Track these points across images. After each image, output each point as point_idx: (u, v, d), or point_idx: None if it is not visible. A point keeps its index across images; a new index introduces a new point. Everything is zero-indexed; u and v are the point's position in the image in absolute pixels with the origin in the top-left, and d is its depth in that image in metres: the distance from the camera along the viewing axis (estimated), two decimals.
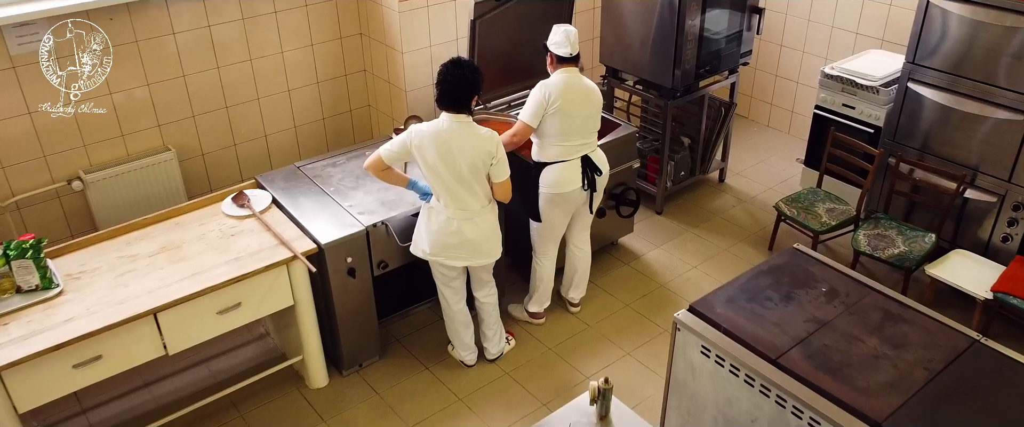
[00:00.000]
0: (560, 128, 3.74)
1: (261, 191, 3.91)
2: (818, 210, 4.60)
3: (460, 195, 3.44)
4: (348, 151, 4.28)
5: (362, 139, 5.20)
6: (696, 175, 5.38)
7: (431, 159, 3.38)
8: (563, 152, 3.80)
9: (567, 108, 3.70)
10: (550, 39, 3.76)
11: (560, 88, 3.68)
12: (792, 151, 5.96)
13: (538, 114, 3.70)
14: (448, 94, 3.35)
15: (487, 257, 3.64)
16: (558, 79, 3.71)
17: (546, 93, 3.67)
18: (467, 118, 3.39)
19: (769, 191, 5.47)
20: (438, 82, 3.38)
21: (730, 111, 5.21)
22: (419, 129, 3.41)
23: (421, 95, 4.79)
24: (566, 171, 3.82)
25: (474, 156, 3.38)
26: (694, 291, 4.50)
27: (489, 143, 3.40)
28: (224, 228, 3.67)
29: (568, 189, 3.84)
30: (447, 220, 3.49)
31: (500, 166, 3.46)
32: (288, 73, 4.67)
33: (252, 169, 4.78)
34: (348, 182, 3.98)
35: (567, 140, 3.78)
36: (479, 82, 3.41)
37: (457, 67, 3.35)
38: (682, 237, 4.99)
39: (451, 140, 3.36)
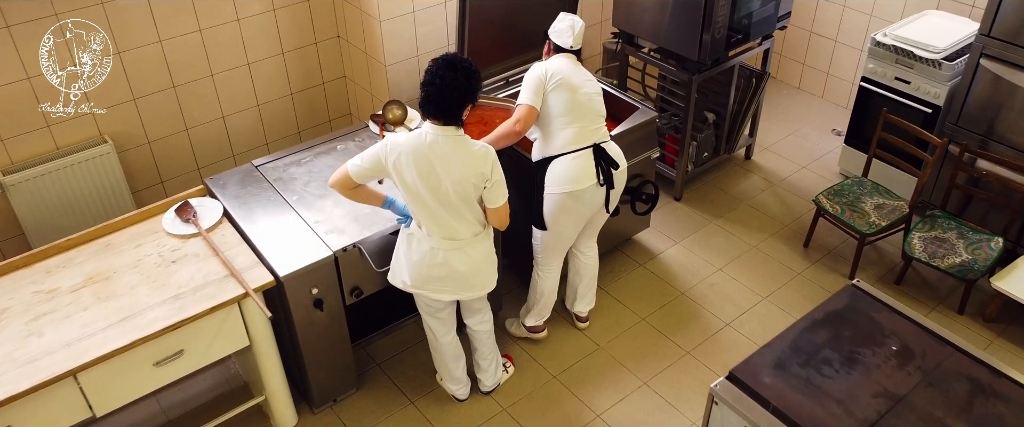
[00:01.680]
0: (566, 105, 3.16)
1: (210, 201, 3.27)
2: (865, 207, 3.97)
3: (446, 222, 2.82)
4: (317, 143, 3.62)
5: (338, 114, 4.52)
6: (720, 155, 4.72)
7: (410, 179, 2.74)
8: (572, 138, 3.18)
9: (569, 81, 3.16)
10: (553, 25, 3.25)
11: (557, 64, 3.20)
12: (827, 119, 5.28)
13: (539, 91, 3.14)
14: (435, 101, 2.68)
15: (480, 290, 3.04)
16: (554, 59, 3.23)
17: (544, 69, 3.17)
18: (457, 131, 2.73)
19: (802, 171, 4.82)
20: (424, 84, 2.70)
21: (762, 82, 4.51)
22: (395, 142, 2.75)
23: (404, 70, 4.09)
24: (577, 163, 3.19)
25: (463, 177, 2.73)
26: (720, 301, 3.91)
27: (482, 162, 2.75)
28: (164, 251, 3.05)
29: (581, 186, 3.21)
30: (431, 250, 2.87)
31: (496, 189, 2.81)
32: (247, 44, 3.97)
33: (209, 155, 4.14)
34: (314, 188, 3.34)
35: (576, 121, 3.18)
36: (477, 88, 2.74)
37: (450, 69, 2.67)
38: (704, 230, 4.37)
39: (435, 158, 2.71)
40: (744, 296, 3.95)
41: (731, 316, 3.84)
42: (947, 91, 4.03)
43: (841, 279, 4.04)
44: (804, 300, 3.92)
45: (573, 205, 3.27)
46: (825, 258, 4.17)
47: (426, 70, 2.71)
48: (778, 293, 3.97)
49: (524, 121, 3.13)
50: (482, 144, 2.78)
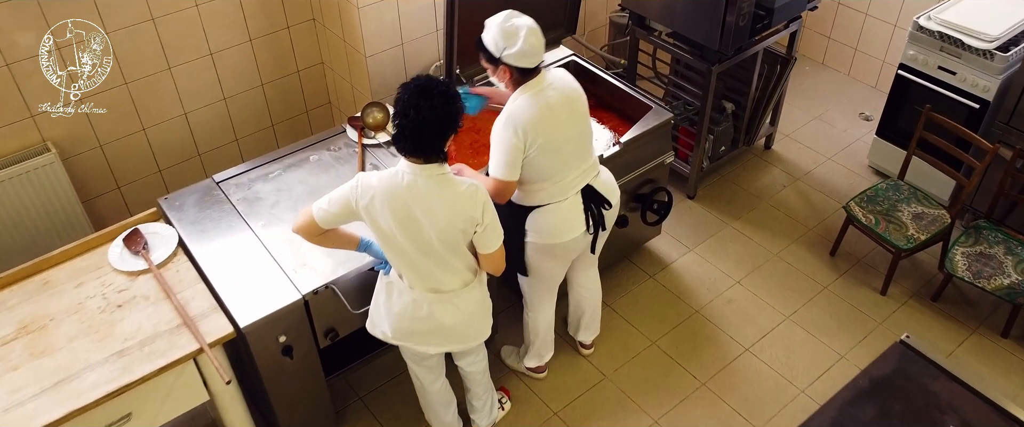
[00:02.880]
0: (550, 168, 2.67)
1: (164, 227, 2.86)
2: (902, 216, 3.56)
3: (430, 273, 2.42)
4: (286, 153, 3.19)
5: (316, 104, 4.07)
6: (738, 147, 4.28)
7: (387, 226, 2.33)
8: (557, 192, 2.73)
9: (552, 140, 2.60)
10: (495, 41, 2.51)
11: (534, 119, 2.54)
12: (854, 101, 4.83)
13: (516, 163, 2.59)
14: (411, 136, 2.25)
15: (471, 341, 2.66)
16: (526, 106, 2.54)
17: (519, 132, 2.53)
18: (439, 168, 2.31)
19: (828, 163, 4.39)
20: (396, 117, 2.27)
21: (788, 68, 4.05)
22: (367, 182, 2.33)
23: (387, 60, 3.63)
24: (562, 213, 2.76)
25: (449, 224, 2.32)
26: (738, 321, 3.54)
27: (470, 204, 2.33)
28: (110, 292, 2.66)
29: (566, 238, 2.80)
30: (413, 303, 2.48)
31: (489, 233, 2.40)
32: (207, 32, 3.49)
33: (171, 155, 3.71)
34: (283, 210, 2.92)
35: (562, 178, 2.71)
36: (459, 114, 2.30)
37: (425, 96, 2.22)
38: (720, 235, 3.97)
39: (414, 202, 2.29)
40: (765, 315, 3.58)
41: (751, 339, 3.48)
42: (998, 85, 3.58)
43: (871, 294, 3.66)
44: (831, 320, 3.55)
45: (559, 253, 2.87)
46: (854, 269, 3.79)
47: (396, 99, 2.27)
48: (803, 311, 3.59)
49: (502, 195, 2.65)
50: (470, 182, 2.35)
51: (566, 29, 3.62)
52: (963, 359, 3.39)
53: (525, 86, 2.58)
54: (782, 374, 3.32)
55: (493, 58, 2.55)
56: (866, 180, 4.26)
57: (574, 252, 2.90)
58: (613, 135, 3.45)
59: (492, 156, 2.61)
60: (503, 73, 2.58)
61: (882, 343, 3.44)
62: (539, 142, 2.56)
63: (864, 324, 3.53)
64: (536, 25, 2.55)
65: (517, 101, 2.57)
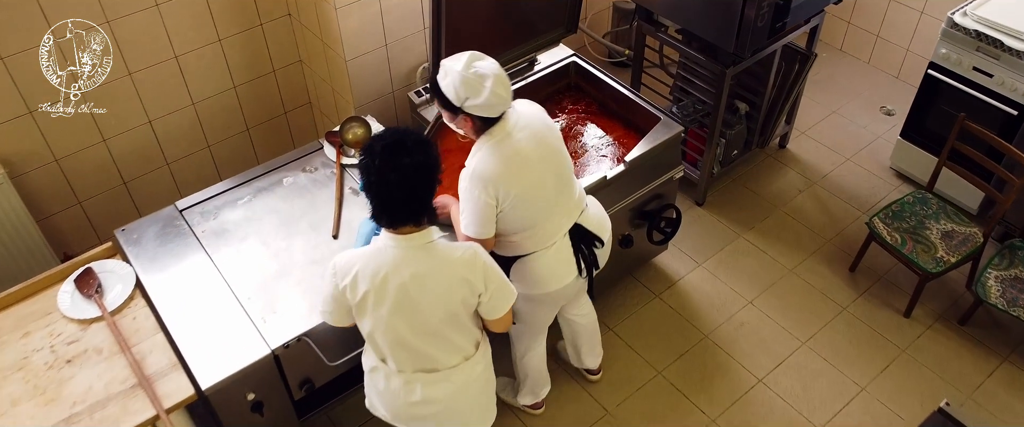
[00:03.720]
0: (529, 218, 2.37)
1: (120, 266, 2.59)
2: (931, 234, 3.28)
3: (424, 353, 2.14)
4: (257, 176, 2.90)
5: (295, 105, 3.75)
6: (751, 149, 3.98)
7: (376, 312, 2.05)
8: (541, 240, 2.44)
9: (527, 190, 2.30)
10: (454, 90, 2.16)
11: (502, 171, 2.24)
12: (876, 93, 4.50)
13: (489, 220, 2.29)
14: (389, 209, 1.95)
15: (477, 425, 2.39)
16: (492, 157, 2.23)
17: (487, 188, 2.23)
18: (428, 235, 2.01)
19: (847, 165, 4.09)
20: (367, 186, 1.96)
21: (808, 65, 3.72)
22: (345, 262, 2.03)
23: (371, 63, 3.31)
24: (549, 261, 2.47)
25: (449, 298, 2.04)
26: (751, 348, 3.29)
27: (469, 270, 2.03)
28: (59, 343, 2.40)
29: (555, 287, 2.52)
30: (405, 385, 2.19)
31: (495, 300, 2.10)
32: (171, 33, 3.16)
33: (136, 166, 3.41)
34: (252, 245, 2.64)
35: (544, 224, 2.41)
36: (438, 163, 2.00)
37: (393, 159, 1.89)
38: (732, 248, 3.70)
39: (405, 279, 1.99)
40: (780, 340, 3.32)
41: (765, 368, 3.23)
42: None
43: (894, 317, 3.40)
44: (851, 346, 3.30)
45: (549, 301, 2.60)
46: (876, 286, 3.52)
47: (361, 165, 1.95)
48: (820, 336, 3.34)
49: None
50: (465, 247, 2.04)
51: (566, 28, 3.29)
52: (993, 391, 3.14)
53: (489, 134, 2.26)
54: (799, 410, 3.08)
55: (452, 107, 2.22)
56: (888, 184, 3.97)
57: (567, 297, 2.63)
58: (616, 148, 3.15)
59: (462, 212, 2.30)
60: (464, 122, 2.26)
61: (904, 373, 3.19)
62: (512, 194, 2.26)
63: (886, 351, 3.28)
64: (501, 71, 2.21)
65: (481, 152, 2.26)
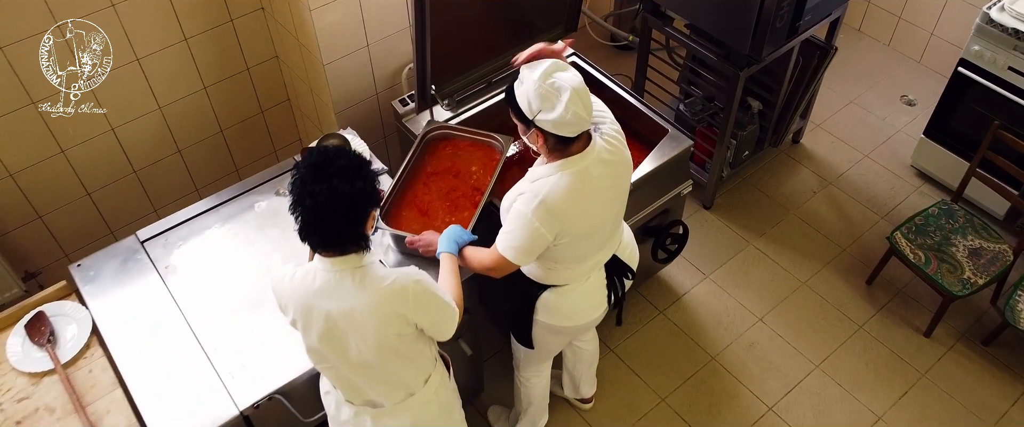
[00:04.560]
0: (580, 254, 2.17)
1: (75, 308, 2.36)
2: (957, 252, 3.05)
3: (368, 386, 1.98)
4: (227, 200, 2.65)
5: (273, 102, 3.48)
6: (764, 148, 3.72)
7: (309, 341, 1.90)
8: (581, 273, 2.25)
9: (589, 228, 2.10)
10: (528, 101, 1.95)
11: (572, 207, 2.01)
12: (896, 80, 4.22)
13: (535, 251, 2.08)
14: (316, 229, 1.75)
15: None
16: (564, 188, 1.99)
17: (550, 222, 2.00)
18: (358, 260, 1.80)
19: (865, 162, 3.83)
20: (293, 206, 1.75)
21: (828, 60, 3.43)
22: (277, 284, 1.89)
23: (352, 66, 3.03)
24: (584, 295, 2.29)
25: (379, 331, 1.84)
26: (761, 371, 3.09)
27: (399, 302, 1.82)
28: (8, 401, 2.19)
29: (584, 321, 2.35)
30: (355, 417, 2.06)
31: (438, 327, 1.93)
32: (131, 35, 2.88)
33: (101, 175, 3.16)
34: (219, 291, 2.41)
35: (590, 259, 2.22)
36: (372, 187, 1.78)
37: (321, 177, 1.69)
38: (741, 257, 3.47)
39: (332, 309, 1.81)
40: (792, 363, 3.12)
41: (775, 394, 3.03)
42: None
43: (913, 336, 3.19)
44: (866, 369, 3.10)
45: (573, 333, 2.45)
46: (894, 302, 3.31)
47: (290, 182, 1.77)
48: (835, 358, 3.13)
49: (499, 270, 2.13)
50: (398, 276, 1.82)
51: (566, 27, 3.00)
52: (1019, 421, 2.95)
53: (567, 161, 2.00)
54: None
55: (524, 118, 1.99)
56: (908, 184, 3.72)
57: (590, 328, 2.44)
58: None
59: (506, 232, 2.07)
60: (536, 136, 2.01)
61: (924, 400, 3.00)
62: (573, 234, 2.05)
63: (904, 375, 3.08)
64: (583, 87, 1.96)
65: (553, 178, 2.01)
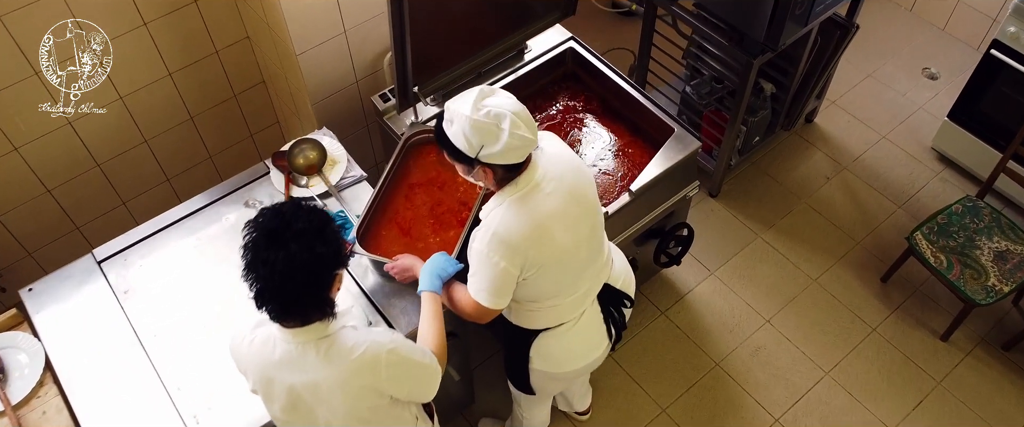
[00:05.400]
0: (556, 286, 1.96)
1: (28, 340, 2.17)
2: (981, 255, 2.84)
3: None
4: (193, 212, 2.43)
5: (247, 85, 3.21)
6: (775, 132, 3.47)
7: (272, 408, 1.73)
8: (569, 309, 2.04)
9: (558, 255, 1.88)
10: (466, 139, 1.72)
11: (530, 236, 1.81)
12: (918, 51, 3.94)
13: (506, 289, 1.88)
14: (274, 297, 1.54)
15: None
16: (517, 218, 1.80)
17: (511, 257, 1.81)
18: (323, 328, 1.60)
19: (883, 144, 3.59)
20: (246, 271, 1.54)
21: (848, 39, 3.16)
22: (235, 348, 1.72)
23: (327, 54, 2.76)
24: (579, 335, 2.09)
25: (351, 405, 1.66)
26: (767, 379, 2.92)
27: (372, 373, 1.64)
28: None
29: (584, 364, 2.17)
30: None
31: (417, 390, 1.76)
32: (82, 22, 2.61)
33: (62, 169, 2.93)
34: (184, 320, 2.21)
35: (573, 291, 2.01)
36: (336, 252, 1.57)
37: (275, 244, 1.49)
38: (749, 251, 3.26)
39: (295, 382, 1.63)
40: (800, 369, 2.95)
41: (782, 405, 2.88)
42: None
43: (929, 340, 3.02)
44: (879, 376, 2.93)
45: (574, 376, 2.26)
46: (910, 301, 3.12)
47: (243, 245, 1.54)
48: (845, 364, 2.97)
49: (482, 318, 1.94)
50: (368, 346, 1.62)
51: (563, 12, 2.73)
52: None
53: (513, 184, 1.81)
54: None
55: (466, 159, 1.76)
56: (929, 170, 3.48)
57: (594, 368, 2.25)
58: (620, 161, 2.66)
59: (472, 274, 1.88)
60: (483, 174, 1.80)
61: (939, 411, 2.85)
62: (540, 262, 1.85)
63: (919, 383, 2.92)
64: (520, 106, 1.75)
65: (502, 208, 1.81)
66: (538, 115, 2.82)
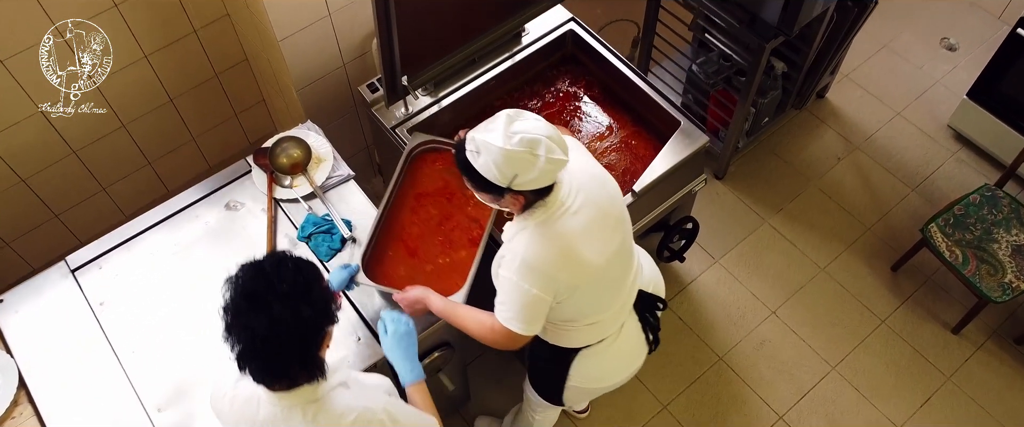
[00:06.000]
0: (592, 305, 1.87)
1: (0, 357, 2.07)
2: (998, 250, 2.72)
3: None
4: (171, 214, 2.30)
5: (228, 64, 3.04)
6: (785, 111, 3.31)
7: None
8: (608, 324, 1.94)
9: (591, 275, 1.77)
10: (498, 171, 1.58)
11: (560, 259, 1.70)
12: (936, 19, 3.74)
13: (540, 316, 1.77)
14: (258, 356, 1.40)
15: None
16: (544, 241, 1.69)
17: (543, 283, 1.70)
18: (312, 391, 1.47)
19: (897, 121, 3.44)
20: (227, 331, 1.41)
21: (867, 13, 2.97)
22: (218, 403, 1.59)
23: (310, 39, 2.59)
24: (620, 351, 2.01)
25: None
26: (772, 374, 2.84)
27: None
28: None
29: (625, 375, 2.10)
30: None
31: None
32: (48, 7, 2.43)
33: (34, 159, 2.80)
34: (162, 339, 2.10)
35: (610, 306, 1.91)
36: (326, 310, 1.45)
37: (259, 304, 1.36)
38: (755, 238, 3.14)
39: None
40: (806, 364, 2.87)
41: (787, 401, 2.80)
42: None
43: (940, 332, 2.93)
44: (887, 371, 2.85)
45: (612, 387, 2.16)
46: (921, 292, 3.02)
47: (222, 306, 1.41)
48: (852, 358, 2.88)
49: (513, 345, 1.81)
50: (362, 412, 1.50)
51: None
52: None
53: (540, 208, 1.69)
54: None
55: (495, 188, 1.63)
56: (945, 150, 3.34)
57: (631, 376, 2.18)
58: (622, 155, 2.52)
59: (501, 301, 1.77)
60: (513, 201, 1.68)
61: (948, 408, 2.77)
62: (574, 285, 1.74)
63: (928, 379, 2.83)
64: (550, 127, 1.64)
65: (527, 232, 1.70)
66: (536, 101, 2.66)
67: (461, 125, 2.58)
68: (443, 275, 2.09)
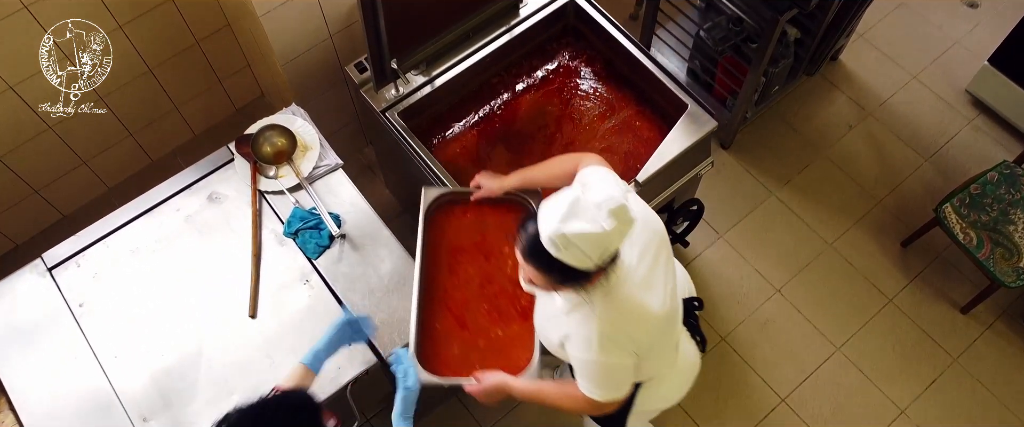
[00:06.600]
0: (666, 344, 1.83)
1: None
2: (1015, 232, 2.62)
3: None
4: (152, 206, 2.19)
5: (210, 30, 2.87)
6: (797, 78, 3.15)
7: None
8: (672, 357, 1.88)
9: (657, 321, 1.67)
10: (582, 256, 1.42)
11: (636, 321, 1.62)
12: None
13: (628, 380, 1.69)
14: None
15: None
16: (615, 310, 1.57)
17: (627, 349, 1.61)
18: None
19: (912, 85, 3.28)
20: None
21: None
22: None
23: (292, 16, 2.42)
24: (680, 375, 1.97)
25: None
26: (776, 355, 2.78)
27: None
28: None
29: (683, 393, 2.02)
30: None
31: None
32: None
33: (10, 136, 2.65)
34: (146, 339, 2.02)
35: (670, 339, 1.83)
36: None
37: None
38: (761, 211, 3.04)
39: None
40: (810, 344, 2.81)
41: (790, 383, 2.75)
42: None
43: (948, 312, 2.86)
44: (893, 353, 2.79)
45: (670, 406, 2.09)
46: (930, 270, 2.93)
47: None
48: (858, 339, 2.81)
49: (609, 409, 1.73)
50: None
51: None
52: None
53: (601, 285, 1.54)
54: None
55: (586, 275, 1.48)
56: (961, 117, 3.20)
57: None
58: (625, 138, 2.39)
59: (583, 376, 1.66)
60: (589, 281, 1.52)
61: (954, 390, 2.72)
62: (651, 339, 1.67)
63: (934, 361, 2.78)
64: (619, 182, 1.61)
65: (594, 306, 1.56)
66: (534, 77, 2.52)
67: (456, 106, 2.46)
68: (503, 351, 1.90)
